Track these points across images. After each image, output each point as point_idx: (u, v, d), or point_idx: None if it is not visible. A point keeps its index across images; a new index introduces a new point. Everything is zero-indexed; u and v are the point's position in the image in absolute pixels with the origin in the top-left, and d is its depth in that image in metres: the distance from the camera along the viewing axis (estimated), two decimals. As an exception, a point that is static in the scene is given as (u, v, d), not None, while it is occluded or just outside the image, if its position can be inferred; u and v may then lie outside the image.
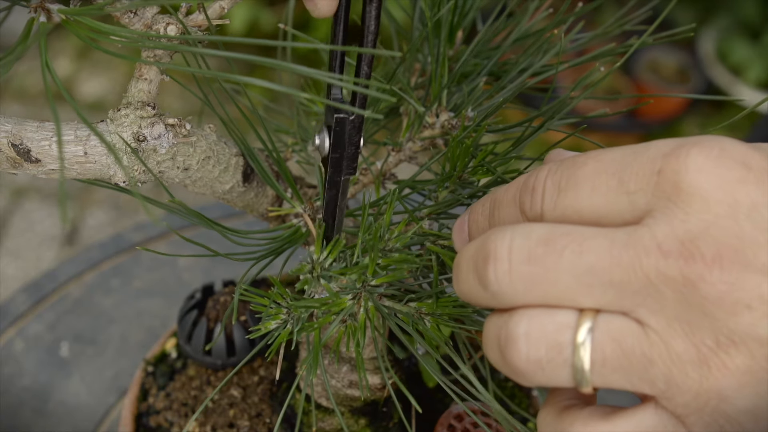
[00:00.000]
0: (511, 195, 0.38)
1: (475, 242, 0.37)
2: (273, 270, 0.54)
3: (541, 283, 0.34)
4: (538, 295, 0.34)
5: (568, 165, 0.36)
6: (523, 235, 0.35)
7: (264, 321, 0.49)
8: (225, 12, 0.43)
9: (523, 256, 0.34)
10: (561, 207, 0.35)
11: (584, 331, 0.34)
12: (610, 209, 0.34)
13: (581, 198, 0.35)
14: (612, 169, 0.34)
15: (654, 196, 0.33)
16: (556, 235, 0.34)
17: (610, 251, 0.33)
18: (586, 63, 0.55)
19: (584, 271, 0.33)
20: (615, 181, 0.34)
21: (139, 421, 0.65)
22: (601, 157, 0.35)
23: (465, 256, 0.37)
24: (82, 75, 2.35)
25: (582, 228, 0.34)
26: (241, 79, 0.35)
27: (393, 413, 0.61)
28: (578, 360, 0.34)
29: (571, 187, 0.35)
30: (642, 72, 2.29)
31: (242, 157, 0.52)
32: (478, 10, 0.58)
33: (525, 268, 0.34)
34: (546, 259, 0.34)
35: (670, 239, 0.32)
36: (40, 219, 2.01)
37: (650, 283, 0.32)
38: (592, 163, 0.35)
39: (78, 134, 0.43)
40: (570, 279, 0.33)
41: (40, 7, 0.38)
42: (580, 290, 0.33)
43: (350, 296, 0.48)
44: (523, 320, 0.35)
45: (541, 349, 0.34)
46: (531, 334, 0.34)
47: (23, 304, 0.94)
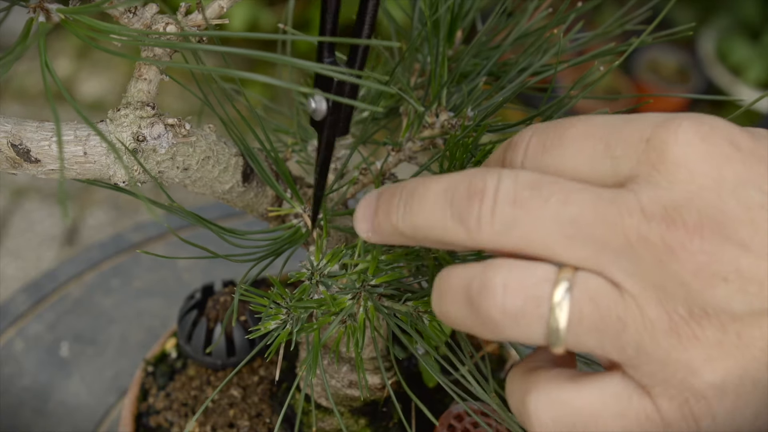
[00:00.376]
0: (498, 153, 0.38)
1: (451, 176, 0.35)
2: (273, 270, 0.54)
3: (523, 227, 0.33)
4: (517, 240, 0.33)
5: (555, 125, 0.35)
6: (511, 178, 0.34)
7: (263, 321, 0.49)
8: (224, 11, 0.43)
9: (509, 197, 0.33)
10: (543, 165, 0.35)
11: (563, 288, 0.33)
12: (593, 171, 0.34)
13: (565, 158, 0.34)
14: (600, 133, 0.34)
15: (639, 162, 0.33)
16: (544, 181, 0.34)
17: (594, 206, 0.33)
18: (585, 62, 0.55)
19: (567, 221, 0.33)
20: (602, 145, 0.34)
21: (139, 421, 0.65)
22: (591, 121, 0.35)
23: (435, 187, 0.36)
24: (81, 75, 2.35)
25: (570, 182, 0.34)
26: (240, 74, 0.35)
27: (393, 413, 0.61)
28: (555, 316, 0.33)
29: (556, 146, 0.35)
30: (642, 72, 2.29)
31: (242, 157, 0.52)
32: (478, 10, 0.58)
33: (509, 209, 0.33)
34: (531, 202, 0.33)
35: (654, 204, 0.32)
36: (40, 219, 2.01)
37: (630, 244, 0.32)
38: (581, 125, 0.35)
39: (78, 134, 0.43)
40: (552, 227, 0.33)
41: (39, 7, 0.38)
42: (561, 241, 0.33)
43: (349, 296, 0.48)
44: (501, 270, 0.34)
45: (518, 301, 0.33)
46: (509, 284, 0.33)
47: (23, 304, 0.94)
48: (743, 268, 0.31)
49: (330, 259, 0.49)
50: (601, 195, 0.33)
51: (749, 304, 0.31)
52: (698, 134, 0.33)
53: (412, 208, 0.36)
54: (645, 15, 0.57)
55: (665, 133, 0.33)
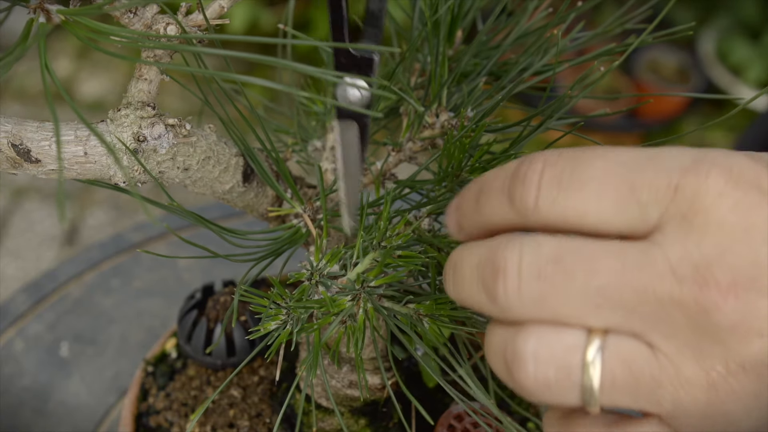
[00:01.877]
0: (500, 182, 0.36)
1: (479, 249, 0.36)
2: (273, 270, 0.54)
3: (551, 302, 0.33)
4: (548, 313, 0.34)
5: (570, 159, 0.34)
6: (533, 251, 0.34)
7: (263, 321, 0.49)
8: (224, 12, 0.43)
9: (534, 273, 0.33)
10: (562, 207, 0.34)
11: (593, 351, 0.33)
12: (619, 217, 0.33)
13: (587, 200, 0.33)
14: (623, 173, 0.33)
15: (668, 212, 0.32)
16: (566, 252, 0.33)
17: (622, 273, 0.32)
18: (586, 62, 0.55)
19: (595, 291, 0.33)
20: (626, 187, 0.33)
21: (139, 421, 0.65)
22: (609, 157, 0.34)
23: (468, 262, 0.36)
24: (82, 75, 2.34)
25: (592, 244, 0.33)
26: (240, 78, 0.35)
27: (393, 413, 0.61)
28: (587, 381, 0.33)
29: (575, 186, 0.33)
30: (642, 72, 2.29)
31: (242, 157, 0.52)
32: (478, 10, 0.58)
33: (535, 285, 0.33)
34: (556, 277, 0.33)
35: (685, 263, 0.32)
36: (40, 219, 2.01)
37: (663, 307, 0.32)
38: (600, 162, 0.34)
39: (78, 134, 0.43)
40: (581, 299, 0.33)
41: (40, 7, 0.38)
42: (591, 310, 0.33)
43: (349, 297, 0.48)
44: (531, 338, 0.34)
45: (549, 370, 0.34)
46: (539, 354, 0.34)
47: (23, 304, 0.94)
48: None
49: (330, 259, 0.49)
50: (627, 259, 0.32)
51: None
52: (729, 183, 0.32)
53: (455, 282, 0.37)
54: (645, 15, 0.57)
55: (695, 181, 0.32)
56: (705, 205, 0.32)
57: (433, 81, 0.53)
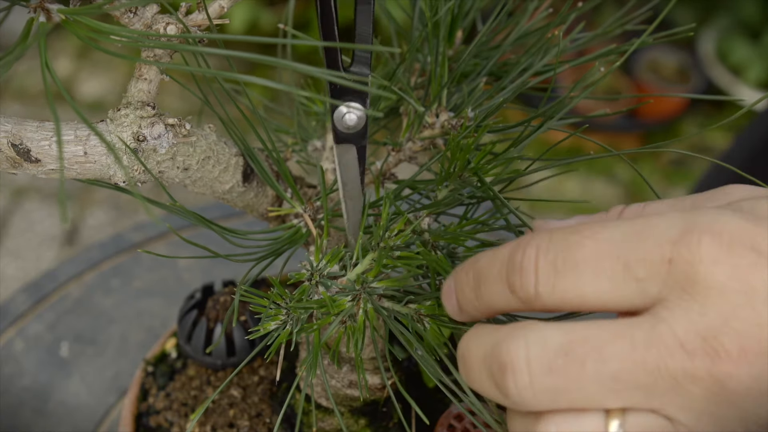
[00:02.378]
0: (496, 271, 0.37)
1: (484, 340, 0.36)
2: (273, 270, 0.54)
3: (566, 394, 0.34)
4: (564, 403, 0.34)
5: (561, 243, 0.35)
6: (539, 344, 0.34)
7: (263, 322, 0.49)
8: (225, 11, 0.43)
9: (544, 368, 0.34)
10: (560, 291, 0.34)
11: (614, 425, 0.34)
12: (618, 295, 0.34)
13: (584, 282, 0.34)
14: (615, 252, 0.34)
15: (666, 285, 0.33)
16: (574, 343, 0.34)
17: (632, 355, 0.33)
18: (586, 63, 0.55)
19: (609, 378, 0.33)
20: (620, 266, 0.33)
21: (139, 421, 0.65)
22: (599, 237, 0.34)
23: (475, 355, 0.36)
24: (82, 75, 2.35)
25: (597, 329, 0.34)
26: (241, 77, 0.35)
27: (393, 413, 0.61)
28: None
29: (570, 270, 0.34)
30: (642, 72, 2.29)
31: (242, 157, 0.51)
32: (478, 10, 0.58)
33: (547, 380, 0.34)
34: (568, 369, 0.33)
35: (692, 336, 0.32)
36: (40, 219, 2.01)
37: (677, 383, 0.32)
38: (590, 243, 0.34)
39: (78, 134, 0.43)
40: (596, 386, 0.33)
41: (40, 7, 0.38)
42: (607, 395, 0.33)
43: (349, 298, 0.48)
44: (551, 425, 0.34)
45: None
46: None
47: (23, 304, 0.94)
48: None
49: (330, 259, 0.49)
50: (635, 340, 0.33)
51: None
52: (721, 249, 0.32)
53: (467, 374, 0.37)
54: (645, 15, 0.57)
55: (687, 252, 0.32)
56: (702, 275, 0.32)
57: (433, 81, 0.53)
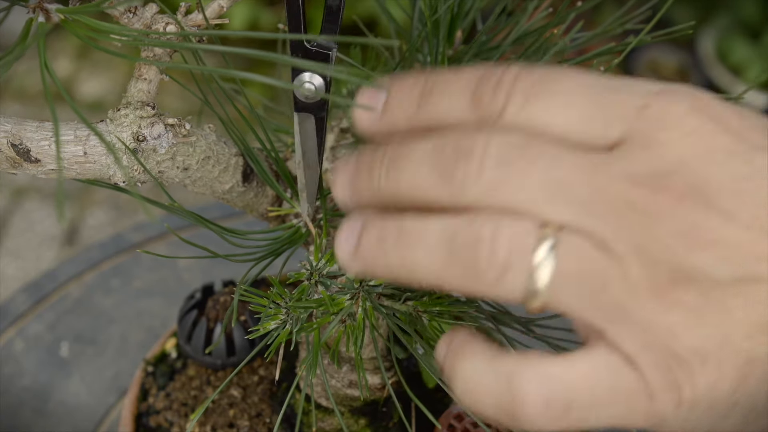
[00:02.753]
0: (462, 83, 0.35)
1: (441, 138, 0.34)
2: (273, 270, 0.54)
3: (508, 187, 0.33)
4: (502, 200, 0.33)
5: (542, 73, 0.34)
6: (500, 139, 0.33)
7: (263, 321, 0.49)
8: (224, 11, 0.43)
9: (497, 158, 0.33)
10: (528, 113, 0.34)
11: (548, 243, 0.32)
12: (584, 129, 0.33)
13: (554, 110, 0.34)
14: (594, 90, 0.34)
15: (632, 128, 0.33)
16: (532, 143, 0.33)
17: (582, 169, 0.32)
18: (586, 62, 0.55)
19: (554, 181, 0.32)
20: (593, 104, 0.33)
21: (139, 421, 0.65)
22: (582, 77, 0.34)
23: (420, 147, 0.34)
24: (81, 75, 2.35)
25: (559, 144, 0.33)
26: (240, 74, 0.35)
27: (393, 413, 0.61)
28: (538, 271, 0.32)
29: (546, 96, 0.34)
30: (642, 72, 2.29)
31: (242, 157, 0.52)
32: (478, 10, 0.58)
33: (496, 170, 0.33)
34: (518, 163, 0.33)
35: (643, 170, 0.32)
36: (40, 219, 2.01)
37: (616, 207, 0.32)
38: (572, 79, 0.34)
39: (78, 134, 0.43)
40: (539, 187, 0.32)
41: (39, 7, 0.38)
42: (547, 200, 0.32)
43: (348, 296, 0.48)
44: (488, 222, 0.33)
45: (505, 252, 0.32)
46: (498, 237, 0.33)
47: (23, 304, 0.94)
48: (726, 236, 0.31)
49: (329, 259, 0.49)
50: (590, 159, 0.33)
51: (731, 272, 0.31)
52: (693, 107, 0.33)
53: (396, 165, 0.35)
54: (645, 14, 0.57)
55: (661, 101, 0.33)
56: (668, 123, 0.32)
57: (433, 81, 0.53)
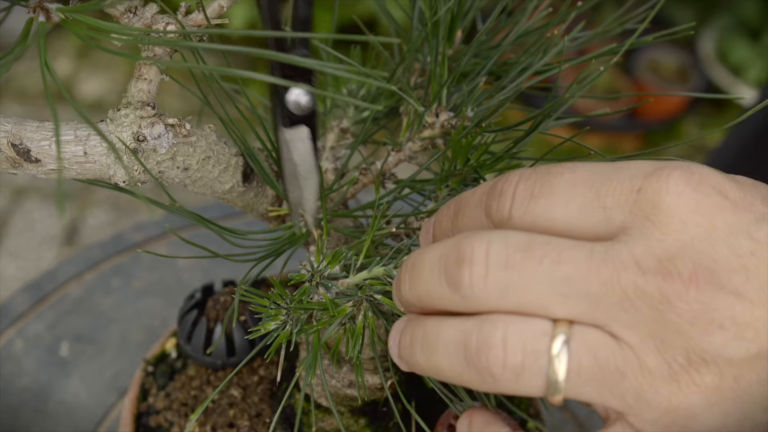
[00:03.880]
0: (477, 197, 0.37)
1: (443, 244, 0.36)
2: (273, 270, 0.54)
3: (518, 290, 0.34)
4: (513, 302, 0.34)
5: (541, 172, 0.36)
6: (501, 240, 0.34)
7: (263, 322, 0.49)
8: (224, 11, 0.43)
9: (501, 261, 0.34)
10: (532, 214, 0.35)
11: (560, 340, 0.33)
12: (585, 222, 0.34)
13: (555, 207, 0.35)
14: (589, 182, 0.34)
15: (631, 213, 0.33)
16: (535, 242, 0.34)
17: (588, 263, 0.33)
18: (586, 62, 0.55)
19: (562, 280, 0.33)
20: (592, 194, 0.34)
21: (139, 421, 0.65)
22: (578, 169, 0.35)
23: (430, 257, 0.36)
24: (81, 75, 2.35)
25: (560, 238, 0.34)
26: (240, 73, 0.35)
27: (392, 413, 0.61)
28: (554, 369, 0.34)
29: (545, 195, 0.35)
30: (642, 72, 2.29)
31: (242, 157, 0.52)
32: (478, 9, 0.58)
33: (502, 273, 0.34)
34: (524, 265, 0.34)
35: (648, 256, 0.32)
36: (40, 219, 2.01)
37: (627, 298, 0.32)
38: (569, 173, 0.35)
39: (78, 134, 0.43)
40: (547, 287, 0.33)
41: (39, 6, 0.38)
42: (557, 299, 0.33)
43: (350, 303, 0.48)
44: (499, 325, 0.34)
45: (518, 356, 0.34)
46: (509, 340, 0.34)
47: (23, 304, 0.94)
48: (738, 315, 0.32)
49: (330, 260, 0.49)
50: (593, 250, 0.33)
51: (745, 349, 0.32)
52: (689, 184, 0.33)
53: (413, 279, 0.37)
54: (645, 14, 0.57)
55: (656, 183, 0.33)
56: (666, 204, 0.33)
57: (433, 81, 0.53)
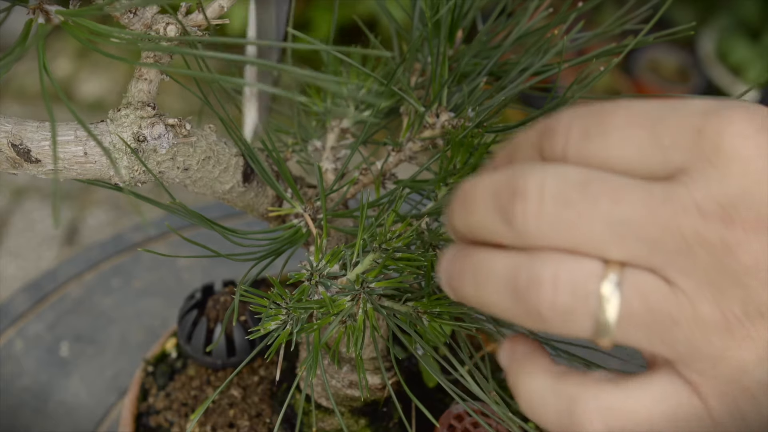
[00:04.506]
0: (530, 138, 0.36)
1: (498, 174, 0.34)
2: (273, 270, 0.54)
3: (572, 228, 0.32)
4: (566, 240, 0.33)
5: (595, 111, 0.34)
6: (557, 176, 0.33)
7: (263, 322, 0.49)
8: (225, 11, 0.43)
9: (556, 197, 0.32)
10: (587, 153, 0.33)
11: (612, 282, 0.32)
12: (641, 161, 0.33)
13: (610, 146, 0.33)
14: (645, 121, 0.33)
15: (691, 154, 0.32)
16: (591, 180, 0.32)
17: (646, 205, 0.32)
18: (586, 62, 0.55)
19: (618, 221, 0.32)
20: (648, 133, 0.33)
21: (139, 421, 0.65)
22: (635, 107, 0.34)
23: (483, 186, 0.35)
24: (81, 75, 2.34)
25: (618, 176, 0.33)
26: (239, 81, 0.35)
27: (393, 413, 0.61)
28: (603, 312, 0.32)
29: (600, 134, 0.33)
30: (642, 72, 2.29)
31: (242, 157, 0.51)
32: (478, 10, 0.58)
33: (557, 210, 0.32)
34: (580, 203, 0.32)
35: (710, 201, 0.31)
36: (40, 219, 2.01)
37: (686, 243, 0.31)
38: (623, 111, 0.34)
39: (78, 134, 0.43)
40: (603, 227, 0.32)
41: (39, 8, 0.38)
42: (612, 240, 0.32)
43: (348, 298, 0.48)
44: (550, 263, 0.33)
45: (567, 297, 0.32)
46: (559, 279, 0.32)
47: (23, 304, 0.94)
48: None
49: (330, 259, 0.49)
50: (652, 192, 0.32)
51: None
52: (752, 126, 0.32)
53: (465, 208, 0.36)
54: (645, 14, 0.57)
55: (718, 123, 0.32)
56: (729, 146, 0.31)
57: (434, 81, 0.53)
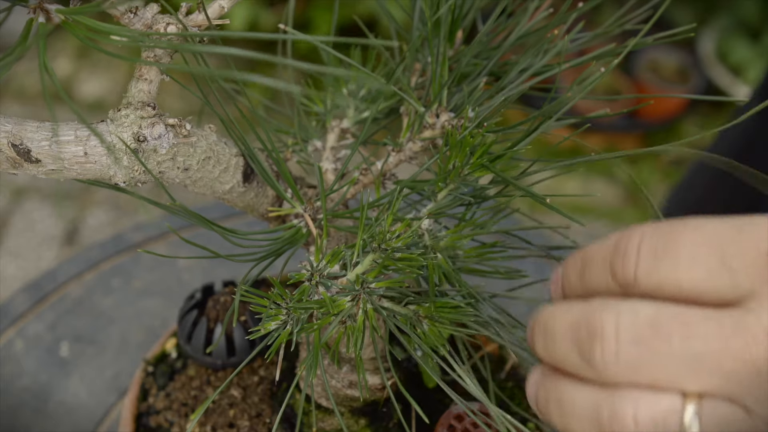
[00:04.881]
0: (602, 255, 0.38)
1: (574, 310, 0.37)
2: (273, 270, 0.54)
3: (648, 367, 0.34)
4: (645, 377, 0.35)
5: (664, 231, 0.36)
6: (630, 314, 0.35)
7: (264, 322, 0.49)
8: (225, 12, 0.43)
9: (632, 338, 0.34)
10: (657, 276, 0.35)
11: (690, 415, 0.34)
12: (711, 285, 0.34)
13: (680, 269, 0.35)
14: (713, 242, 0.34)
15: (759, 278, 0.33)
16: (663, 316, 0.34)
17: (718, 338, 0.33)
18: (586, 63, 0.55)
19: (692, 356, 0.33)
20: (716, 256, 0.34)
21: (139, 421, 0.65)
22: (700, 228, 0.35)
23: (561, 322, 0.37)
24: (82, 75, 2.35)
25: (689, 310, 0.34)
26: (240, 76, 0.35)
27: (393, 413, 0.61)
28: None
29: (669, 256, 0.35)
30: (642, 72, 2.29)
31: (242, 157, 0.51)
32: (478, 10, 0.58)
33: (633, 349, 0.34)
34: (654, 342, 0.34)
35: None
36: (40, 219, 2.01)
37: (759, 372, 0.33)
38: (692, 233, 0.35)
39: (78, 134, 0.43)
40: (678, 364, 0.34)
41: (39, 7, 0.38)
42: (688, 375, 0.34)
43: (349, 298, 0.48)
44: (629, 401, 0.35)
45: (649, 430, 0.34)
46: (640, 417, 0.34)
47: (23, 304, 0.94)
48: None
49: (330, 260, 0.49)
50: (722, 323, 0.33)
51: None
52: None
53: (546, 341, 0.38)
54: (645, 15, 0.57)
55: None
56: None
57: (434, 81, 0.53)
